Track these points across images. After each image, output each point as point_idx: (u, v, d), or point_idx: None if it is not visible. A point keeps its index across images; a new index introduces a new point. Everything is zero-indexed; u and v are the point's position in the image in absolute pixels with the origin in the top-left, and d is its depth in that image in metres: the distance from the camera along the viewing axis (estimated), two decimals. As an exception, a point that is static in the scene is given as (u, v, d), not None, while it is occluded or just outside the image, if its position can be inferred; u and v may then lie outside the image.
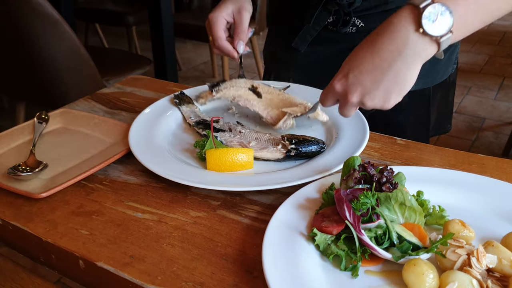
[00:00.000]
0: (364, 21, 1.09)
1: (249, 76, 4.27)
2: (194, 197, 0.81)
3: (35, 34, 2.09)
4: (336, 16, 1.10)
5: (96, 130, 1.00)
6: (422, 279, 0.58)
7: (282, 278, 0.59)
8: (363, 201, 0.64)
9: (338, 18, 1.09)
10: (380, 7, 1.06)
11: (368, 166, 0.69)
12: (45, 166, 0.87)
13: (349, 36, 1.11)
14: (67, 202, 0.80)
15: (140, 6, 3.85)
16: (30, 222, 0.75)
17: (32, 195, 0.79)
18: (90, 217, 0.76)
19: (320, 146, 0.89)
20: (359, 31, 1.10)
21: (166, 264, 0.66)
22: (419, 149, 0.92)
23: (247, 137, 0.94)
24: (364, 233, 0.63)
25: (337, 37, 1.12)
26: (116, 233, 0.73)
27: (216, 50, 1.10)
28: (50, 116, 1.04)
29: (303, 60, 1.19)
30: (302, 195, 0.75)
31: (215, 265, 0.66)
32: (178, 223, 0.75)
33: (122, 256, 0.68)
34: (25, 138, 0.99)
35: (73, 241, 0.71)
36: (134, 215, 0.77)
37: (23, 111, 2.61)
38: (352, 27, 1.10)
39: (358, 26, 1.10)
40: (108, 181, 0.85)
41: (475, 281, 0.57)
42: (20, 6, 2.00)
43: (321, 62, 1.17)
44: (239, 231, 0.73)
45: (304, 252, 0.64)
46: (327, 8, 1.09)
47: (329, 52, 1.15)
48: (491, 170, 0.84)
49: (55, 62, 2.18)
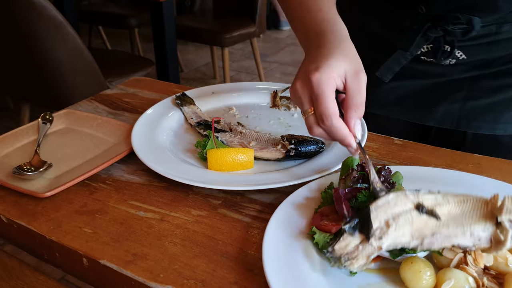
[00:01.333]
0: (467, 53, 0.92)
1: (248, 77, 4.27)
2: (196, 196, 0.81)
3: (40, 36, 2.09)
4: (433, 45, 0.93)
5: (99, 130, 1.00)
6: (420, 276, 0.58)
7: (282, 275, 0.59)
8: (362, 200, 0.64)
9: (436, 47, 0.93)
10: (490, 37, 0.90)
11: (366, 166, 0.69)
12: (50, 166, 0.87)
13: (445, 70, 0.95)
14: (71, 201, 0.80)
15: (143, 8, 3.85)
16: (34, 221, 0.75)
17: (37, 194, 0.79)
18: (93, 216, 0.76)
19: (319, 146, 0.89)
20: (459, 64, 0.94)
21: (168, 262, 0.66)
22: (416, 149, 0.92)
23: (248, 137, 0.94)
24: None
25: (430, 69, 0.96)
26: (119, 232, 0.73)
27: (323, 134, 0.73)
28: (54, 117, 1.04)
29: (388, 92, 1.02)
30: (302, 194, 0.75)
31: (216, 263, 0.66)
32: (180, 222, 0.75)
33: (125, 254, 0.68)
34: (29, 138, 0.99)
35: (76, 239, 0.71)
36: (136, 214, 0.77)
37: (27, 112, 2.62)
38: (452, 59, 0.93)
39: (459, 58, 0.93)
40: (111, 181, 0.85)
41: (471, 278, 0.57)
42: (25, 9, 2.00)
43: (409, 95, 1.01)
44: (239, 230, 0.73)
45: (303, 250, 0.64)
46: (426, 34, 0.91)
47: (418, 85, 1.00)
48: (487, 169, 0.84)
49: (59, 63, 2.18)
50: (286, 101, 1.08)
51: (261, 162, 0.89)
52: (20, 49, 2.19)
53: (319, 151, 0.89)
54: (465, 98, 0.97)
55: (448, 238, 0.57)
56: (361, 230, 0.58)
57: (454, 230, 0.58)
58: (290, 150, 0.87)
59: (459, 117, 0.97)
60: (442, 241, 0.57)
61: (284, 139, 0.90)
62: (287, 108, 1.08)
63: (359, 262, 0.57)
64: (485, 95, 0.96)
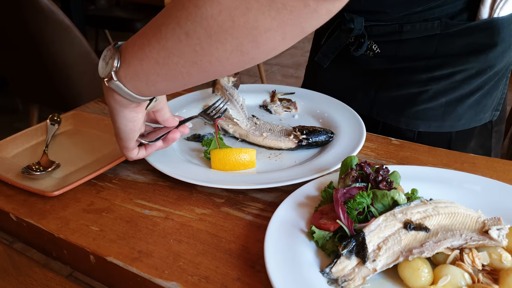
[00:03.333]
0: (381, 47, 1.02)
1: (251, 79, 4.27)
2: (199, 195, 0.81)
3: (48, 40, 2.09)
4: (355, 38, 1.04)
5: (106, 131, 1.00)
6: (418, 274, 0.58)
7: (283, 272, 0.59)
8: (359, 201, 0.64)
9: (356, 40, 1.04)
10: (394, 35, 0.99)
11: (364, 165, 0.69)
12: (58, 166, 0.87)
13: (366, 60, 1.05)
14: (79, 200, 0.80)
15: (147, 13, 3.85)
16: (43, 219, 0.75)
17: (45, 193, 0.79)
18: (100, 214, 0.76)
19: (329, 135, 0.91)
20: (376, 56, 1.03)
21: (172, 259, 0.66)
22: (413, 149, 0.92)
23: (262, 128, 0.96)
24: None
25: (357, 59, 1.06)
26: (125, 229, 0.73)
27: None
28: (62, 118, 1.05)
29: (328, 76, 1.16)
30: (302, 193, 0.75)
31: (219, 260, 0.66)
32: (184, 220, 0.75)
33: (130, 251, 0.68)
34: (38, 139, 0.99)
35: (84, 237, 0.71)
36: (142, 212, 0.77)
37: (36, 113, 2.62)
38: (369, 52, 1.04)
39: (375, 51, 1.03)
40: (118, 180, 0.85)
41: (466, 274, 0.57)
42: (34, 14, 2.01)
43: (342, 79, 1.13)
44: (242, 228, 0.73)
45: (304, 247, 0.64)
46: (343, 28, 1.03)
47: (349, 72, 1.11)
48: (482, 169, 0.84)
49: (67, 66, 2.19)
50: (287, 103, 1.09)
51: (262, 162, 0.89)
52: (29, 52, 2.19)
53: (329, 140, 0.91)
54: (378, 88, 1.05)
55: (438, 243, 0.59)
56: (357, 254, 0.61)
57: (443, 235, 0.60)
58: (302, 140, 0.90)
59: (371, 105, 1.06)
60: (432, 248, 0.59)
61: (296, 130, 0.93)
62: (287, 109, 1.08)
63: (355, 283, 0.59)
64: (393, 88, 1.03)
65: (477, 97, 0.99)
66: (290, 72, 4.43)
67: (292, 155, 0.91)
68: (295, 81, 4.16)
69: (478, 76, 0.97)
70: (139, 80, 0.64)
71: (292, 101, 1.09)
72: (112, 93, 0.68)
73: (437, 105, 0.99)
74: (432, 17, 0.94)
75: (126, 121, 0.73)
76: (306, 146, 0.91)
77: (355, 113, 1.00)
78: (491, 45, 0.94)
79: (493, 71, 0.98)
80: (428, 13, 0.94)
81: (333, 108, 1.04)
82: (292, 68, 4.52)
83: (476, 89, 0.99)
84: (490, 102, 1.02)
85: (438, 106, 1.00)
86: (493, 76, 0.99)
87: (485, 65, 0.96)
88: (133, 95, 0.67)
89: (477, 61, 0.96)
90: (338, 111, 1.03)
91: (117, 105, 0.70)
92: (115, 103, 0.70)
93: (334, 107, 1.05)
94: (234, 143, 0.96)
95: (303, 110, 1.08)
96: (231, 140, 0.98)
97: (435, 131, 1.01)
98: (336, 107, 1.04)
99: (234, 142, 0.97)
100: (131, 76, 0.64)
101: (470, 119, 1.01)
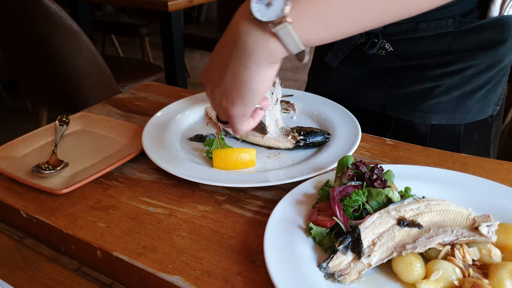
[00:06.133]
0: (394, 46, 1.00)
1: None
2: (202, 193, 0.81)
3: (57, 44, 2.09)
4: (367, 37, 1.02)
5: (112, 131, 1.00)
6: (411, 268, 0.58)
7: (282, 267, 0.59)
8: (355, 199, 0.64)
9: (369, 39, 1.02)
10: (409, 33, 0.97)
11: (360, 165, 0.69)
12: (66, 165, 0.87)
13: (378, 59, 1.03)
14: (86, 198, 0.80)
15: (152, 19, 3.86)
16: (52, 216, 0.75)
17: (54, 191, 0.79)
18: (107, 211, 0.76)
19: (325, 136, 0.91)
20: (389, 55, 1.01)
21: (176, 254, 0.66)
22: (407, 149, 0.92)
23: (268, 119, 0.94)
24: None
25: (368, 58, 1.04)
26: (130, 226, 0.73)
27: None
28: (70, 119, 1.05)
29: (337, 77, 1.12)
30: (300, 191, 0.75)
31: (220, 255, 0.66)
32: (187, 217, 0.75)
33: (136, 247, 0.68)
34: (47, 139, 0.99)
35: (91, 233, 0.71)
36: (147, 209, 0.77)
37: (45, 115, 2.62)
38: (382, 51, 1.01)
39: (388, 50, 1.01)
40: (123, 178, 0.85)
41: (457, 269, 0.57)
42: (43, 19, 2.01)
43: (351, 80, 1.10)
44: (242, 224, 0.73)
45: (301, 243, 0.64)
46: None
47: (359, 72, 1.08)
48: (473, 168, 0.84)
49: (75, 70, 2.19)
50: (286, 105, 1.08)
51: (262, 162, 0.89)
52: (39, 57, 2.19)
53: (325, 141, 0.91)
54: (391, 85, 1.04)
55: (430, 239, 0.59)
56: (353, 249, 0.61)
57: (435, 231, 0.60)
58: (299, 141, 0.89)
59: (384, 102, 1.05)
60: (424, 243, 0.59)
61: (294, 131, 0.92)
62: (286, 111, 1.08)
63: (351, 277, 0.59)
64: (406, 85, 1.02)
65: (485, 91, 1.00)
66: (288, 75, 4.43)
67: (290, 154, 0.91)
68: (293, 84, 4.15)
69: (488, 71, 0.98)
70: (317, 21, 0.53)
71: (291, 103, 1.09)
72: (266, 44, 0.55)
73: (449, 99, 0.99)
74: (446, 16, 0.94)
75: (265, 81, 0.60)
76: (304, 147, 0.91)
77: (351, 115, 1.00)
78: (500, 41, 0.95)
79: (500, 66, 0.99)
80: (442, 11, 0.94)
81: (330, 109, 1.04)
82: (290, 71, 4.52)
83: (485, 83, 0.99)
84: (494, 96, 1.02)
85: (450, 100, 0.99)
86: (499, 71, 1.00)
87: (494, 60, 0.97)
88: (297, 44, 0.55)
89: (487, 57, 0.97)
90: (334, 112, 1.03)
91: (263, 61, 0.57)
92: (260, 59, 0.57)
93: (331, 108, 1.04)
94: (235, 143, 0.96)
95: (301, 112, 1.08)
96: (232, 140, 0.98)
97: (447, 124, 1.01)
98: (332, 108, 1.04)
99: (235, 142, 0.97)
100: (309, 17, 0.53)
101: (477, 112, 1.01)
